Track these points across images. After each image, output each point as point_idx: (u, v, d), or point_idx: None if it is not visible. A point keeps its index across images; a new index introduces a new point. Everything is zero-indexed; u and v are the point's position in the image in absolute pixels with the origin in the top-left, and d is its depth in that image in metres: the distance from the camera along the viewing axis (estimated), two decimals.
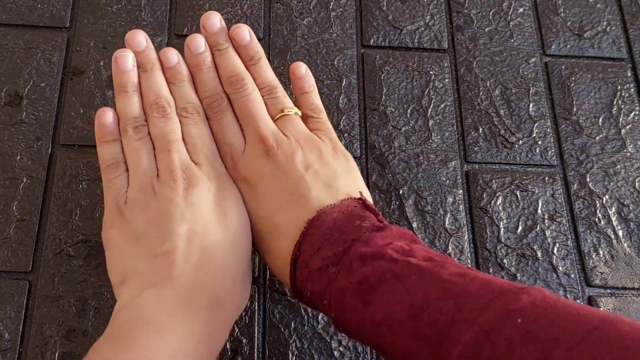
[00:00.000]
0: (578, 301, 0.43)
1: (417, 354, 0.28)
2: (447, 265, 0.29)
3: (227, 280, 0.33)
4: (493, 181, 0.46)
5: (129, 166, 0.36)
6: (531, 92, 0.50)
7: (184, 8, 0.50)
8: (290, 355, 0.39)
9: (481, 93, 0.49)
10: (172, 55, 0.39)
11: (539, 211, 0.45)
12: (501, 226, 0.45)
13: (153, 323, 0.30)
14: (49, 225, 0.41)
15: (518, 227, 0.45)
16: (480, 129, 0.48)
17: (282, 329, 0.40)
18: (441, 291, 0.28)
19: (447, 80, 0.50)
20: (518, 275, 0.43)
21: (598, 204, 0.46)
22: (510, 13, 0.53)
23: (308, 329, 0.40)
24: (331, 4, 0.51)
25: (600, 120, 0.49)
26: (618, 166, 0.48)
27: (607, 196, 0.47)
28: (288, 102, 0.39)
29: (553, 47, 0.52)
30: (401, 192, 0.45)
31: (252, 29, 0.40)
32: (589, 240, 0.45)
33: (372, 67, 0.49)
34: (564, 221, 0.45)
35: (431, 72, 0.50)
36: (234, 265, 0.34)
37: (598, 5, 0.54)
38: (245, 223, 0.35)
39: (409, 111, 0.48)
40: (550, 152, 0.48)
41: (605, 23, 0.53)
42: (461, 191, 0.46)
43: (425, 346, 0.27)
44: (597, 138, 0.49)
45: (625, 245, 0.45)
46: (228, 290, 0.33)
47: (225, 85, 0.39)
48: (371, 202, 0.36)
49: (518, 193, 0.46)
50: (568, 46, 0.52)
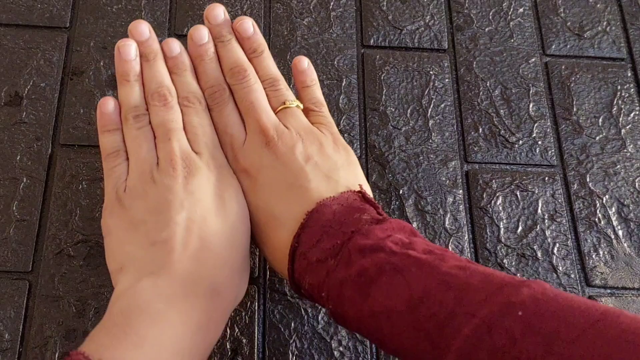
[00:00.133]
0: None
1: (417, 347, 0.28)
2: (447, 258, 0.29)
3: (225, 270, 0.33)
4: (493, 181, 0.46)
5: (129, 155, 0.36)
6: (531, 92, 0.50)
7: (184, 8, 0.50)
8: (290, 355, 0.39)
9: (481, 93, 0.49)
10: (175, 45, 0.39)
11: (539, 211, 0.45)
12: (501, 226, 0.45)
13: (150, 311, 0.30)
14: (49, 225, 0.41)
15: (518, 227, 0.45)
16: (480, 129, 0.48)
17: (282, 329, 0.40)
18: (441, 284, 0.28)
19: (447, 80, 0.50)
20: (518, 275, 0.43)
21: (598, 204, 0.46)
22: (510, 13, 0.53)
23: (308, 329, 0.40)
24: (331, 4, 0.51)
25: (600, 120, 0.49)
26: (618, 166, 0.48)
27: (607, 196, 0.47)
28: (290, 95, 0.39)
29: (553, 47, 0.52)
30: (401, 192, 0.45)
31: None
32: (589, 240, 0.45)
33: (372, 67, 0.49)
34: (564, 221, 0.45)
35: (431, 72, 0.50)
36: (232, 255, 0.34)
37: (598, 5, 0.54)
38: (244, 213, 0.35)
39: (409, 111, 0.48)
40: (550, 152, 0.48)
41: (605, 23, 0.53)
42: (461, 191, 0.46)
43: (424, 338, 0.27)
44: (597, 138, 0.49)
45: (625, 245, 0.45)
46: (225, 280, 0.33)
47: (227, 76, 0.39)
48: (371, 195, 0.35)
49: (518, 193, 0.46)
50: (568, 46, 0.52)
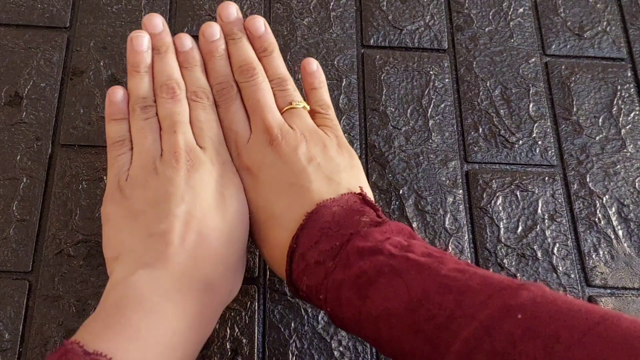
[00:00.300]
0: None
1: (416, 349, 0.28)
2: (446, 261, 0.29)
3: (220, 266, 0.33)
4: (493, 181, 0.46)
5: (134, 145, 0.37)
6: (531, 92, 0.50)
7: (184, 8, 0.50)
8: (290, 355, 0.39)
9: (481, 93, 0.49)
10: (187, 40, 0.39)
11: (539, 211, 0.45)
12: (501, 226, 0.45)
13: (145, 303, 0.30)
14: (49, 225, 0.41)
15: (518, 227, 0.45)
16: (480, 129, 0.48)
17: (282, 329, 0.40)
18: (440, 286, 0.28)
19: (447, 80, 0.50)
20: (518, 275, 0.43)
21: (598, 204, 0.46)
22: (510, 13, 0.53)
23: (308, 329, 0.40)
24: (331, 4, 0.51)
25: (600, 120, 0.49)
26: (618, 166, 0.48)
27: (607, 196, 0.47)
28: (297, 96, 0.39)
29: (553, 47, 0.52)
30: (401, 192, 0.45)
31: None
32: (589, 240, 0.45)
33: (372, 67, 0.49)
34: (564, 221, 0.45)
35: (431, 72, 0.50)
36: (229, 252, 0.34)
37: (598, 5, 0.54)
38: (243, 211, 0.35)
39: (409, 111, 0.48)
40: (550, 152, 0.48)
41: (605, 23, 0.53)
42: (461, 191, 0.46)
43: (423, 341, 0.27)
44: (597, 138, 0.49)
45: (625, 245, 0.45)
46: (220, 276, 0.33)
47: (236, 73, 0.39)
48: (372, 198, 0.35)
49: (518, 193, 0.46)
50: (568, 46, 0.52)
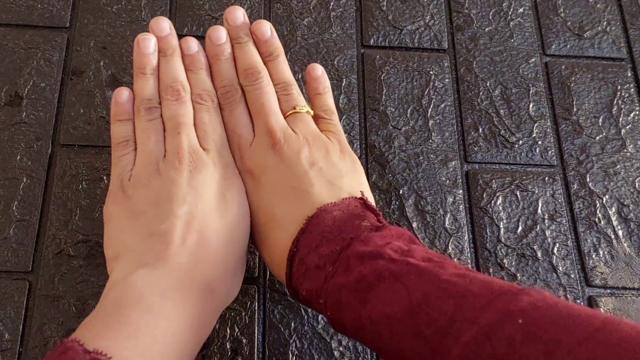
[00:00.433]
0: (578, 301, 0.43)
1: (416, 354, 0.28)
2: (447, 265, 0.29)
3: (220, 268, 0.33)
4: (493, 181, 0.46)
5: (138, 145, 0.37)
6: (531, 92, 0.50)
7: (184, 8, 0.50)
8: (290, 355, 0.39)
9: (481, 93, 0.49)
10: (193, 43, 0.40)
11: (539, 211, 0.45)
12: (501, 226, 0.45)
13: (144, 303, 0.30)
14: (49, 225, 0.41)
15: (518, 227, 0.45)
16: (480, 129, 0.48)
17: (282, 329, 0.40)
18: (440, 291, 0.28)
19: (447, 80, 0.50)
20: (518, 275, 0.43)
21: (598, 204, 0.46)
22: (510, 13, 0.53)
23: (308, 329, 0.40)
24: (331, 4, 0.51)
25: (600, 120, 0.49)
26: (618, 166, 0.48)
27: (607, 196, 0.46)
28: (301, 101, 0.39)
29: (553, 47, 0.52)
30: (401, 192, 0.45)
31: None
32: (589, 240, 0.45)
33: (372, 67, 0.49)
34: (564, 221, 0.45)
35: (431, 72, 0.50)
36: (229, 254, 0.34)
37: (598, 5, 0.54)
38: (244, 213, 0.36)
39: (409, 111, 0.48)
40: (550, 152, 0.48)
41: (605, 23, 0.53)
42: (461, 191, 0.46)
43: (424, 346, 0.27)
44: (597, 138, 0.49)
45: (625, 245, 0.45)
46: (220, 278, 0.33)
47: (241, 77, 0.39)
48: (373, 203, 0.35)
49: (518, 193, 0.46)
50: (568, 46, 0.52)
